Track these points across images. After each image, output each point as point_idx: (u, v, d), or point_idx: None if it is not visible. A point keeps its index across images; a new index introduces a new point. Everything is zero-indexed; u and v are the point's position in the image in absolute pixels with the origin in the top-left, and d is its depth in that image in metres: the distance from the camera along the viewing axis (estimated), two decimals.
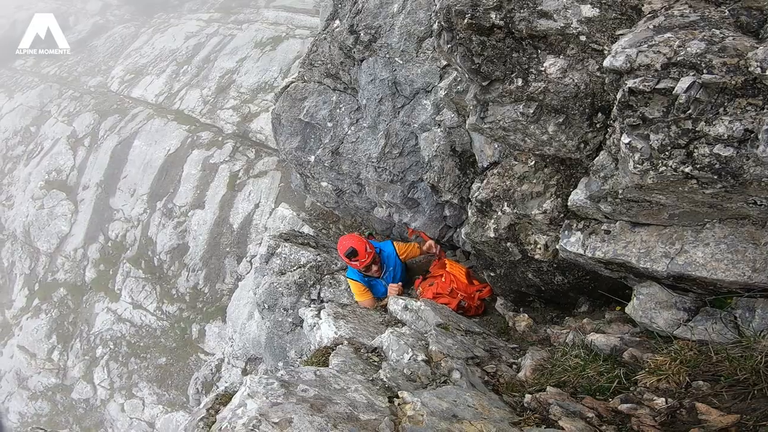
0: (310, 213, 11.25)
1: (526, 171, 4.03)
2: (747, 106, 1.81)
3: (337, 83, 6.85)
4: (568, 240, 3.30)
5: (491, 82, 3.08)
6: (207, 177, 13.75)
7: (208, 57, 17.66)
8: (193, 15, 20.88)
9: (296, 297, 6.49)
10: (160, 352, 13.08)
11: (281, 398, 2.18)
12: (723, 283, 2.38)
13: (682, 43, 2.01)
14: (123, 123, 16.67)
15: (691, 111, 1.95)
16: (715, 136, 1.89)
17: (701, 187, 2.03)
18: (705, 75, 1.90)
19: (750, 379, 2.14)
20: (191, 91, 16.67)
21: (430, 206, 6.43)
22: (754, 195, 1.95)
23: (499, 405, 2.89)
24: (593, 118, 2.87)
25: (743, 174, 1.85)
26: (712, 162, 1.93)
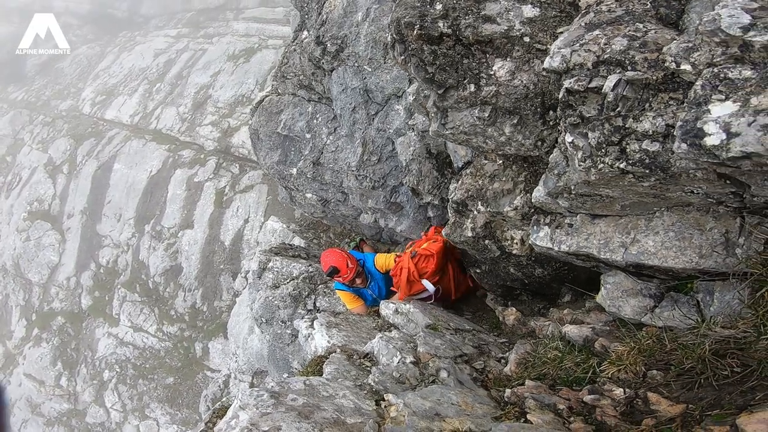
0: (300, 224, 11.37)
1: (496, 170, 4.17)
2: (669, 100, 1.95)
3: (311, 94, 7.00)
4: (538, 235, 3.45)
5: (446, 89, 3.23)
6: (193, 196, 13.88)
7: (180, 73, 17.69)
8: (159, 32, 20.89)
9: (292, 309, 6.63)
10: (166, 372, 13.29)
11: (270, 408, 2.34)
12: (675, 270, 2.52)
13: (608, 41, 2.16)
14: (100, 147, 16.77)
15: (620, 108, 2.09)
16: (642, 132, 2.03)
17: (638, 181, 2.17)
18: (629, 72, 2.04)
19: (697, 367, 2.23)
20: (167, 109, 16.72)
21: (414, 209, 6.57)
22: (686, 185, 2.09)
23: (483, 401, 3.01)
24: (546, 117, 3.02)
25: (671, 167, 1.99)
26: (642, 157, 2.07)
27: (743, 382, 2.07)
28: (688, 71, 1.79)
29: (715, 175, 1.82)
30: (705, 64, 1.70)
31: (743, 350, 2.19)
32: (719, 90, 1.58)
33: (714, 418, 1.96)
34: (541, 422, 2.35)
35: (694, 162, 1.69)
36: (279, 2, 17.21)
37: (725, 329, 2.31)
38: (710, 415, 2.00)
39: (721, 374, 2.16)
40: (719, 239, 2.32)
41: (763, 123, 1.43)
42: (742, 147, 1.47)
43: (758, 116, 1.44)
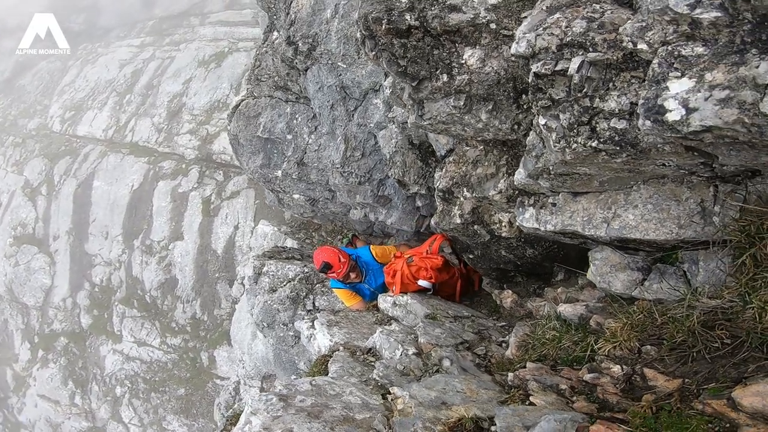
0: (291, 225, 11.43)
1: (478, 155, 4.24)
2: (631, 79, 2.02)
3: (288, 95, 7.01)
4: (523, 216, 3.53)
5: (420, 81, 3.29)
6: (179, 207, 13.88)
7: (150, 83, 17.48)
8: (122, 42, 20.52)
9: (292, 310, 6.69)
10: (177, 384, 13.46)
11: (281, 411, 2.44)
12: (657, 242, 2.60)
13: (568, 23, 2.22)
14: (76, 164, 16.65)
15: (586, 89, 2.16)
16: (609, 111, 2.11)
17: (611, 158, 2.25)
18: (591, 53, 2.11)
19: (688, 341, 2.29)
20: (141, 120, 16.58)
21: (402, 200, 6.63)
22: (657, 159, 2.16)
23: (488, 386, 3.09)
24: (519, 101, 3.09)
25: (640, 143, 2.06)
26: (612, 135, 2.15)
27: (735, 354, 2.13)
28: (645, 50, 1.86)
29: (682, 148, 1.89)
30: (659, 43, 1.77)
31: (731, 321, 2.25)
32: (675, 67, 1.65)
33: (711, 392, 2.02)
34: (544, 403, 2.41)
35: (659, 137, 1.76)
36: (246, 4, 16.99)
37: (712, 300, 2.38)
38: (707, 388, 2.05)
39: (712, 347, 2.21)
40: (696, 209, 2.41)
41: (718, 97, 1.50)
42: (701, 121, 1.54)
43: (713, 91, 1.52)
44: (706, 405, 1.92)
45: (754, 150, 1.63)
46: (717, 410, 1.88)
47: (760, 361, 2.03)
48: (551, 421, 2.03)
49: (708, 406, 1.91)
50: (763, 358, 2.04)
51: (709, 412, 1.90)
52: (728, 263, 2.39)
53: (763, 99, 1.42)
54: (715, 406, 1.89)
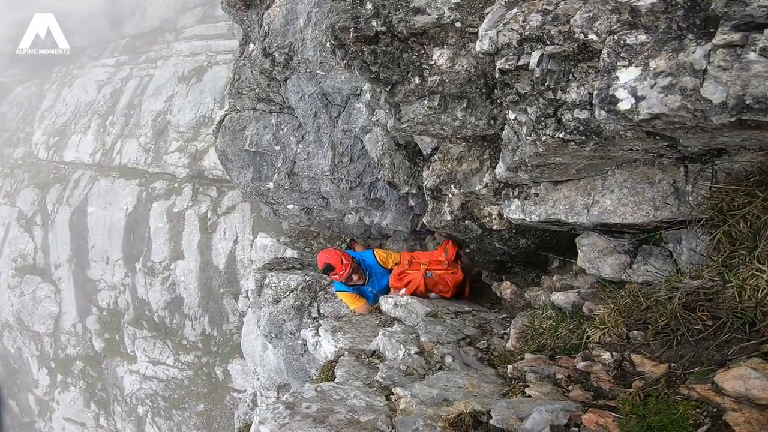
0: (290, 235, 11.52)
1: (462, 151, 4.30)
2: (588, 69, 2.08)
3: (271, 106, 7.08)
4: (510, 208, 3.59)
5: (393, 85, 3.35)
6: (176, 226, 14.01)
7: (131, 102, 17.52)
8: (96, 62, 20.50)
9: (298, 320, 6.78)
10: (196, 400, 13.68)
11: (287, 419, 2.53)
12: (636, 225, 2.66)
13: (525, 18, 2.28)
14: (68, 192, 16.80)
15: (548, 82, 2.22)
16: (571, 102, 2.17)
17: (580, 147, 2.31)
18: (548, 46, 2.17)
19: (671, 324, 2.32)
20: (127, 142, 16.66)
21: (394, 201, 6.69)
22: (623, 145, 2.22)
23: (490, 380, 3.13)
24: (492, 96, 3.15)
25: (603, 131, 2.12)
26: (576, 125, 2.21)
27: (717, 335, 2.16)
28: (595, 40, 1.92)
29: (643, 134, 1.95)
30: (606, 32, 1.83)
31: (712, 301, 2.27)
32: (622, 56, 1.70)
33: (696, 376, 2.05)
34: (539, 394, 2.45)
35: (617, 125, 1.82)
36: (219, 17, 16.93)
37: (693, 280, 2.40)
38: (692, 372, 2.08)
39: (694, 329, 2.24)
40: (669, 189, 2.46)
41: (662, 85, 1.56)
42: (649, 109, 1.60)
43: (658, 79, 1.57)
44: (691, 390, 1.95)
45: (707, 133, 1.69)
46: (702, 395, 1.90)
47: (742, 342, 2.05)
48: (543, 411, 2.08)
49: (693, 391, 1.93)
50: (745, 339, 2.06)
51: (695, 397, 1.92)
52: (706, 242, 2.44)
53: (703, 84, 1.47)
54: (700, 390, 1.91)
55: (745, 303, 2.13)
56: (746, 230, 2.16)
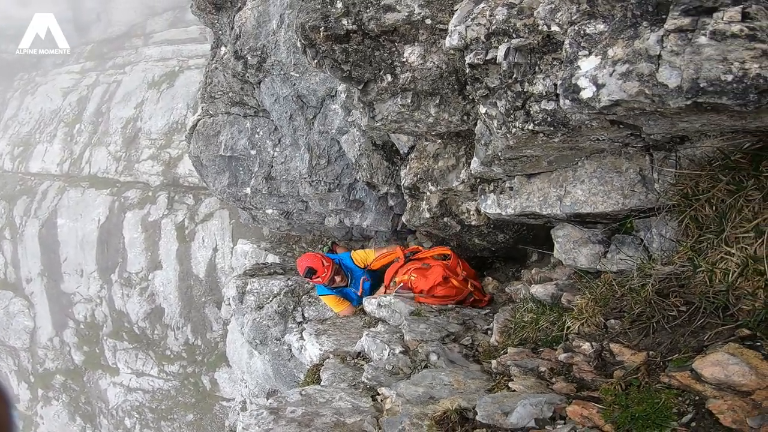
0: (271, 241, 11.48)
1: (438, 149, 4.37)
2: (553, 61, 2.15)
3: (246, 109, 7.06)
4: (486, 203, 3.66)
5: (366, 84, 3.40)
6: (152, 236, 13.83)
7: (98, 110, 17.16)
8: (60, 69, 20.02)
9: (283, 324, 6.75)
10: (184, 410, 13.50)
11: (271, 424, 2.53)
12: (607, 214, 2.74)
13: (492, 12, 2.35)
14: (36, 204, 16.45)
15: (515, 75, 2.29)
16: (538, 93, 2.24)
17: (549, 138, 2.38)
18: (514, 39, 2.24)
19: (646, 311, 2.36)
20: (96, 150, 16.32)
21: (374, 202, 6.73)
22: (590, 135, 2.29)
23: (476, 376, 3.15)
24: (464, 92, 3.22)
25: (570, 122, 2.19)
26: (544, 116, 2.27)
27: (692, 321, 2.20)
28: (558, 32, 1.98)
29: (607, 122, 2.02)
30: (568, 23, 1.90)
31: (684, 287, 2.31)
32: (582, 46, 1.77)
33: (675, 364, 2.07)
34: (522, 388, 2.47)
35: (582, 114, 1.89)
36: (191, 21, 16.55)
37: (665, 266, 2.46)
38: (671, 360, 2.11)
39: (669, 315, 2.28)
40: (636, 178, 2.55)
41: (621, 72, 1.63)
42: (609, 96, 1.67)
43: (616, 66, 1.64)
44: (671, 378, 1.97)
45: (667, 118, 1.76)
46: (683, 383, 1.92)
47: (717, 327, 2.09)
48: (527, 405, 2.12)
49: (674, 379, 1.96)
50: (720, 323, 2.10)
51: (675, 385, 1.94)
52: (675, 228, 2.51)
53: (659, 69, 1.54)
54: (680, 378, 1.94)
55: (717, 287, 2.18)
56: (712, 214, 2.24)
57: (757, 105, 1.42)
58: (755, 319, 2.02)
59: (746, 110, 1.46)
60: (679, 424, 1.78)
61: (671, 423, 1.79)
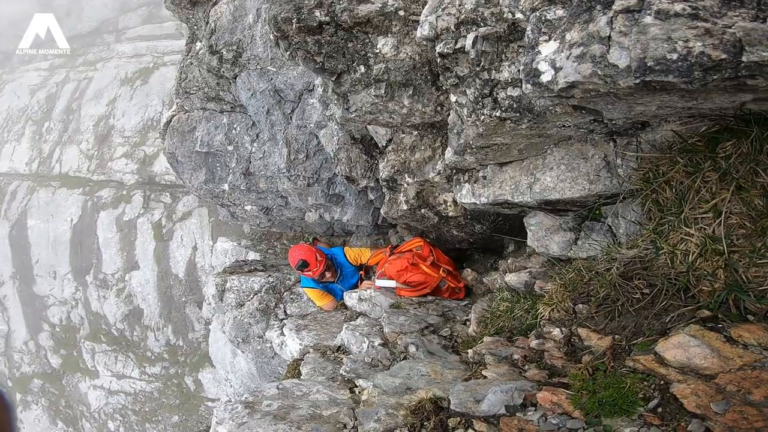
0: (251, 238, 11.43)
1: (414, 141, 4.44)
2: (518, 48, 2.24)
3: (222, 105, 7.05)
4: (461, 192, 3.75)
5: (339, 75, 3.45)
6: (128, 236, 13.67)
7: (69, 107, 16.87)
8: (28, 66, 19.69)
9: (265, 322, 6.74)
10: (169, 412, 13.36)
11: (246, 418, 2.54)
12: (575, 200, 2.84)
13: (461, 1, 2.42)
14: (5, 205, 16.20)
15: (483, 63, 2.37)
16: (504, 80, 2.33)
17: (516, 125, 2.47)
18: (482, 28, 2.32)
19: (611, 295, 2.40)
20: (66, 149, 16.07)
21: (354, 196, 6.78)
22: (556, 121, 2.39)
23: (454, 366, 3.17)
24: (437, 83, 3.29)
25: (534, 107, 2.28)
26: (510, 103, 2.36)
27: (654, 303, 2.24)
28: (522, 19, 2.07)
29: (570, 108, 2.11)
30: (530, 10, 1.98)
31: (647, 269, 2.36)
32: (543, 32, 1.85)
33: (639, 347, 2.11)
34: (495, 376, 2.51)
35: (542, 98, 1.97)
36: (166, 17, 16.35)
37: (630, 250, 2.53)
38: (635, 343, 2.14)
39: (633, 298, 2.32)
40: (601, 164, 2.65)
41: (576, 54, 1.71)
42: (566, 78, 1.75)
43: (572, 49, 1.73)
44: (636, 362, 2.00)
45: (622, 101, 1.85)
46: (647, 366, 1.95)
47: (679, 309, 2.13)
48: (498, 392, 2.17)
49: (638, 363, 1.98)
50: (681, 305, 2.14)
51: (640, 369, 1.97)
52: (638, 211, 2.61)
53: (609, 50, 1.63)
54: (645, 362, 1.97)
55: (678, 268, 2.24)
56: (672, 196, 2.34)
57: (703, 82, 1.51)
58: (715, 300, 2.06)
59: (692, 87, 1.54)
60: (645, 409, 1.81)
61: (638, 408, 1.82)
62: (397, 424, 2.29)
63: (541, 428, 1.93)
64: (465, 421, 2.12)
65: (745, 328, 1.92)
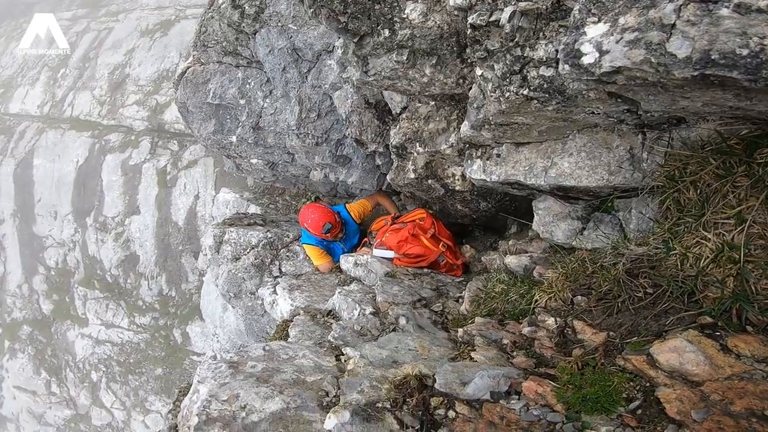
0: (254, 191, 11.27)
1: (430, 111, 4.30)
2: (559, 28, 2.10)
3: (239, 60, 6.87)
4: (472, 168, 3.63)
5: (362, 37, 3.28)
6: (132, 180, 13.43)
7: (86, 56, 16.49)
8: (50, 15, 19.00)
9: (258, 278, 6.59)
10: (153, 364, 13.25)
11: (228, 378, 2.46)
12: (591, 189, 2.73)
13: None
14: (13, 143, 15.88)
15: (517, 39, 2.22)
16: (538, 59, 2.19)
17: (543, 105, 2.34)
18: (521, 3, 2.17)
19: (613, 290, 2.33)
20: (80, 94, 15.71)
21: (361, 159, 6.66)
22: (585, 106, 2.26)
23: (442, 343, 3.07)
24: (463, 55, 3.13)
25: (566, 90, 2.16)
26: (541, 83, 2.23)
27: (656, 304, 2.17)
28: None
29: (605, 94, 1.99)
30: None
31: (655, 269, 2.28)
32: (593, 13, 1.72)
33: (632, 347, 2.05)
34: (483, 359, 2.45)
35: (579, 82, 1.85)
36: None
37: (639, 246, 2.44)
38: (629, 342, 2.09)
39: (635, 296, 2.24)
40: (625, 155, 2.54)
41: (628, 39, 1.59)
42: (612, 62, 1.63)
43: (624, 34, 1.60)
44: (627, 361, 1.95)
45: (668, 92, 1.73)
46: (637, 367, 1.90)
47: (680, 313, 2.06)
48: (485, 377, 2.11)
49: (629, 362, 1.94)
50: (683, 308, 2.08)
51: (630, 368, 1.92)
52: (655, 209, 2.51)
53: (670, 39, 1.51)
54: (635, 362, 1.92)
55: (687, 271, 2.16)
56: (695, 197, 2.23)
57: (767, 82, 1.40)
58: (719, 307, 1.99)
59: (756, 87, 1.43)
60: (626, 410, 1.77)
61: (618, 408, 1.78)
62: (379, 397, 2.23)
63: (522, 418, 1.89)
64: (448, 402, 2.08)
65: (742, 339, 1.87)
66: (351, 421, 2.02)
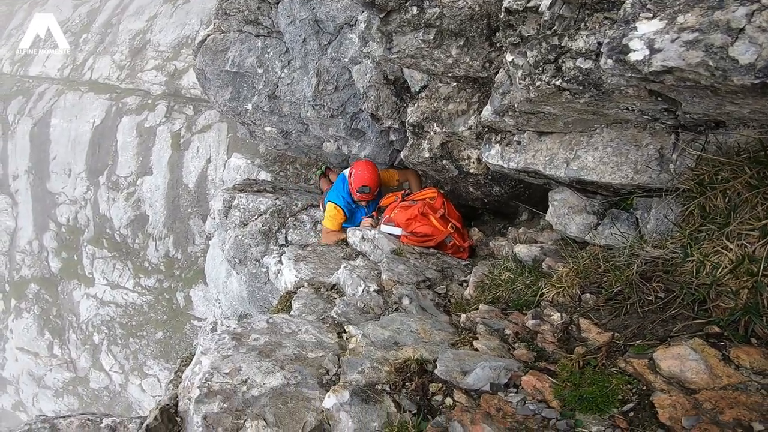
0: (265, 158, 11.15)
1: (450, 92, 4.16)
2: (604, 20, 1.96)
3: (259, 29, 6.73)
4: (489, 153, 3.51)
5: (388, 13, 3.14)
6: (146, 142, 13.33)
7: (108, 22, 16.31)
8: None
9: (264, 245, 6.52)
10: (154, 327, 13.29)
11: (231, 350, 2.41)
12: (612, 185, 2.62)
13: None
14: (31, 104, 15.81)
15: (556, 27, 2.09)
16: (577, 50, 2.06)
17: (574, 98, 2.22)
18: None
19: (624, 291, 2.25)
20: (100, 58, 15.58)
21: (375, 134, 6.55)
22: (621, 102, 2.15)
23: (443, 327, 2.99)
24: (492, 39, 2.99)
25: (603, 84, 2.04)
26: (576, 75, 2.11)
27: (666, 309, 2.11)
28: None
29: (645, 92, 1.87)
30: None
31: (669, 273, 2.20)
32: (648, 8, 1.59)
33: (635, 350, 2.00)
34: (485, 349, 2.39)
35: (620, 78, 1.74)
36: None
37: (656, 249, 2.35)
38: (633, 345, 2.03)
39: (646, 300, 2.18)
40: (654, 155, 2.42)
41: (686, 39, 1.47)
42: (663, 62, 1.51)
43: (682, 33, 1.48)
44: (628, 363, 1.91)
45: (718, 97, 1.62)
46: (637, 370, 1.87)
47: (688, 320, 2.01)
48: (486, 368, 2.07)
49: (630, 365, 1.90)
50: (692, 316, 2.02)
51: (629, 371, 1.89)
52: (677, 212, 2.41)
53: (735, 43, 1.40)
54: (636, 365, 1.88)
55: (702, 279, 2.09)
56: (722, 205, 2.13)
57: None
58: (728, 318, 1.93)
59: None
60: (619, 411, 1.75)
61: (612, 409, 1.76)
62: (379, 379, 2.19)
63: (518, 411, 1.87)
64: (446, 389, 2.06)
65: (745, 350, 1.82)
66: (350, 401, 2.00)
